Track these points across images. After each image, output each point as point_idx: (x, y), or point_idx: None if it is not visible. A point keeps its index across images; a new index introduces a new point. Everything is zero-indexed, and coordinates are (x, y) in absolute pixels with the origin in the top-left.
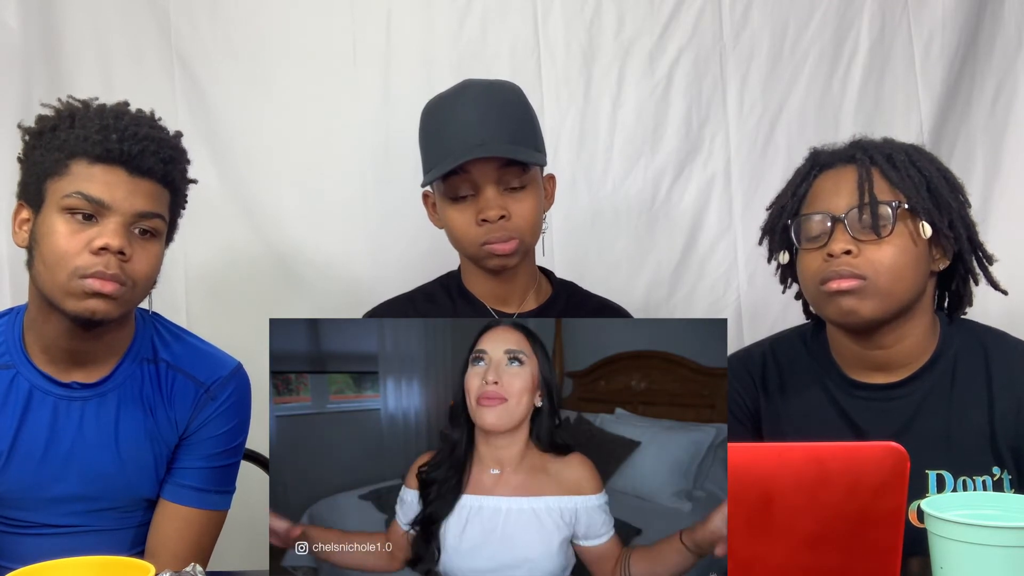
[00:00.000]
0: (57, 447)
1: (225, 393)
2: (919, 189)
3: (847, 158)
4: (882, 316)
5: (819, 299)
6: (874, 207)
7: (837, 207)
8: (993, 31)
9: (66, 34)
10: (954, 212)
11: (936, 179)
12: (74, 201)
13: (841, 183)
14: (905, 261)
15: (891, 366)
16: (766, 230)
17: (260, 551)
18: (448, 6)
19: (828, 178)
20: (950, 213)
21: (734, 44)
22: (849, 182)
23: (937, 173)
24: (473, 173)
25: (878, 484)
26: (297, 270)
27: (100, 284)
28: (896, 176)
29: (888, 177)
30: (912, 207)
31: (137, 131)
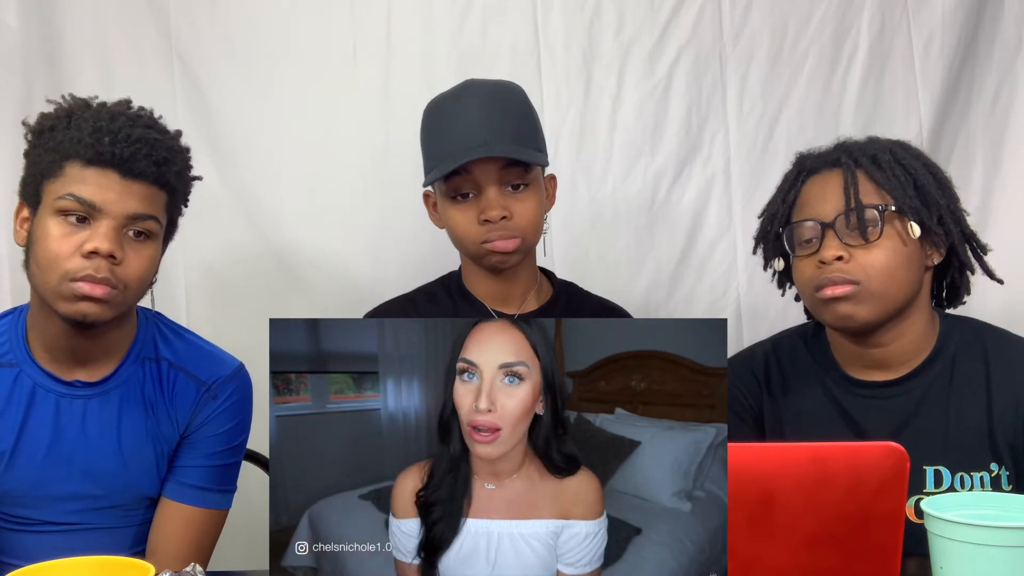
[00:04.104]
0: (60, 445)
1: (226, 392)
2: (905, 188)
3: (832, 162)
4: (878, 319)
5: (815, 305)
6: (860, 212)
7: (825, 213)
8: (993, 31)
9: (66, 34)
10: (943, 208)
11: (922, 176)
12: (67, 203)
13: (827, 188)
14: (897, 262)
15: (890, 364)
16: (759, 239)
17: (260, 551)
18: (448, 6)
19: (815, 183)
20: (939, 209)
21: (734, 44)
22: (835, 187)
23: (923, 169)
24: (475, 173)
25: (878, 484)
26: (297, 270)
27: (90, 288)
28: (882, 177)
29: (874, 179)
30: (900, 208)
31: (131, 133)
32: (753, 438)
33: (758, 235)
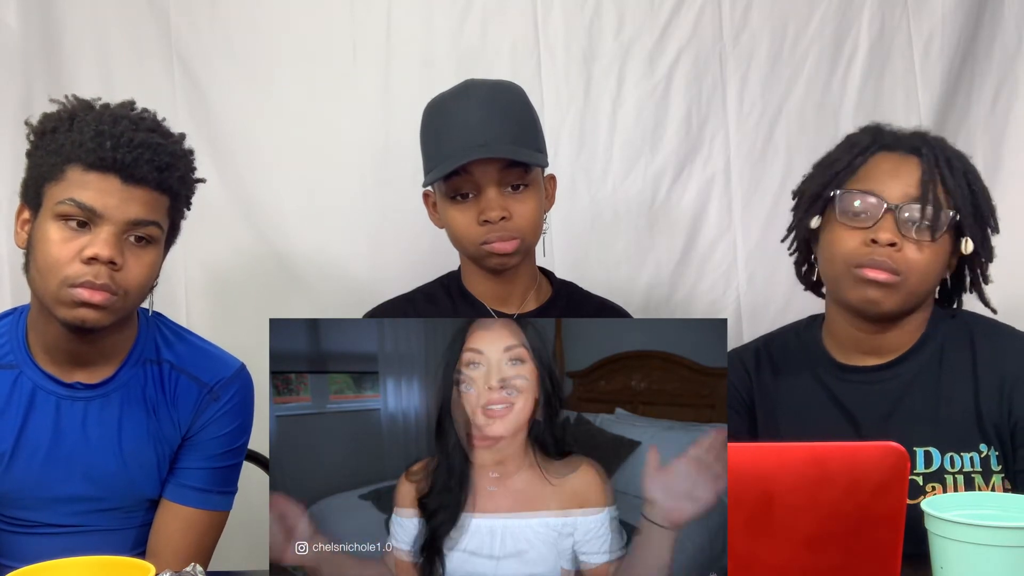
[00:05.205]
0: (60, 447)
1: (228, 394)
2: (967, 203)
3: (911, 148)
4: (900, 311)
5: (845, 279)
6: (937, 211)
7: (892, 195)
8: (993, 31)
9: (66, 34)
10: (984, 233)
11: (981, 196)
12: (67, 208)
13: (901, 170)
14: (937, 266)
15: (882, 349)
16: (803, 191)
17: (260, 551)
18: (448, 6)
19: (888, 160)
20: (982, 233)
21: (734, 44)
22: (910, 173)
23: (982, 191)
24: (475, 173)
25: (878, 484)
26: (297, 270)
27: (89, 294)
28: (953, 184)
29: (946, 183)
30: (962, 220)
31: (133, 137)
32: (746, 430)
33: (803, 186)
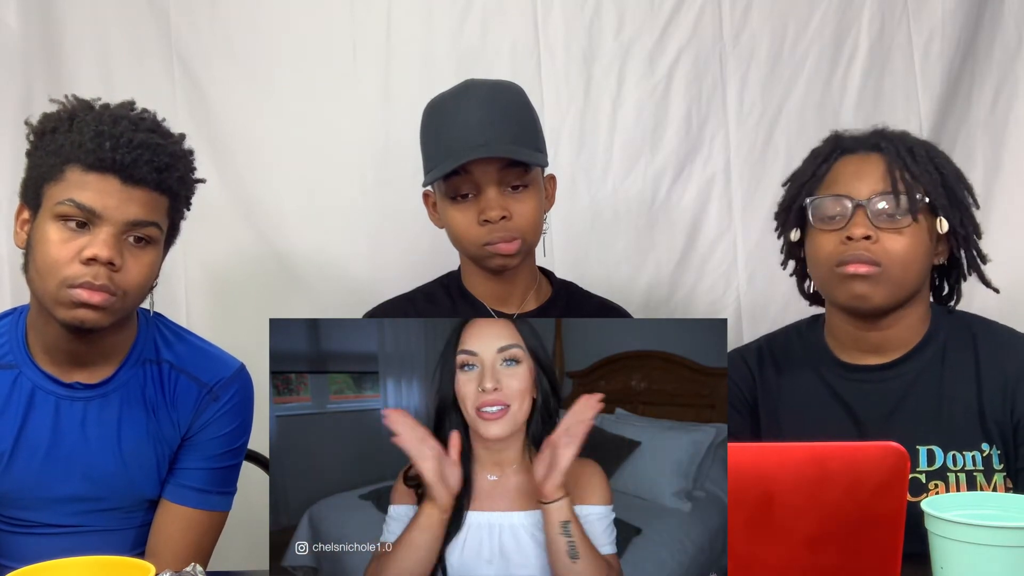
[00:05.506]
0: (59, 447)
1: (228, 394)
2: (936, 185)
3: (871, 146)
4: (890, 303)
5: (831, 280)
6: (910, 195)
7: (861, 192)
8: (993, 31)
9: (66, 34)
10: (964, 211)
11: (951, 177)
12: (66, 208)
13: (864, 169)
14: (917, 253)
15: (884, 348)
16: (782, 207)
17: (260, 551)
18: (448, 6)
19: (850, 163)
20: (960, 212)
21: (734, 44)
22: (874, 169)
23: (952, 172)
24: (475, 173)
25: (878, 484)
26: (297, 270)
27: (88, 295)
28: (918, 169)
29: (910, 170)
30: (932, 202)
31: (132, 138)
32: (748, 428)
33: (781, 203)
